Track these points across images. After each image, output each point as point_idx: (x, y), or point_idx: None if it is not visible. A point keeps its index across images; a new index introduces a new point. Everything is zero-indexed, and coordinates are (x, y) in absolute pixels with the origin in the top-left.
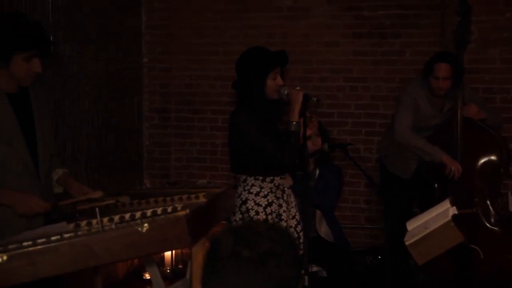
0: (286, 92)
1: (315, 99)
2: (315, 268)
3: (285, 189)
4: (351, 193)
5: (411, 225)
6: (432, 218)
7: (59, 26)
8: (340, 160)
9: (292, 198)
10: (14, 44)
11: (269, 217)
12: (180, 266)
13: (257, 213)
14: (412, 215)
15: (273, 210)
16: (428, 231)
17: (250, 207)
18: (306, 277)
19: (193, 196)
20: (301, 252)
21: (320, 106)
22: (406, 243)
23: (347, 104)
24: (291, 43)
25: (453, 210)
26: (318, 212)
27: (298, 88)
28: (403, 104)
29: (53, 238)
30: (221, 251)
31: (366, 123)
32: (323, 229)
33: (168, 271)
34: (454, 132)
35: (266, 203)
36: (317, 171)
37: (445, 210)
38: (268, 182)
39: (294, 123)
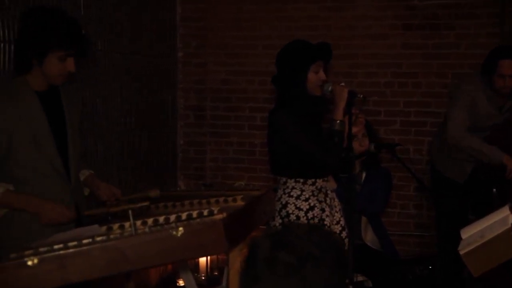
0: (330, 88)
1: (361, 96)
2: (360, 278)
3: (328, 192)
4: (400, 198)
5: (466, 233)
6: (489, 226)
7: (90, 19)
8: (387, 162)
9: (336, 202)
10: (51, 42)
11: (311, 222)
12: (216, 273)
13: (298, 217)
14: (466, 222)
15: (315, 214)
16: (484, 240)
17: (290, 211)
18: (351, 287)
19: (230, 198)
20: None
21: (366, 104)
22: (461, 253)
23: (395, 101)
24: (335, 36)
25: None
26: (363, 218)
27: (342, 84)
28: (458, 103)
29: (85, 241)
30: (259, 256)
31: (416, 122)
32: (369, 237)
33: (203, 278)
34: None
35: (307, 207)
36: (364, 174)
37: (504, 217)
38: (310, 185)
39: (338, 121)
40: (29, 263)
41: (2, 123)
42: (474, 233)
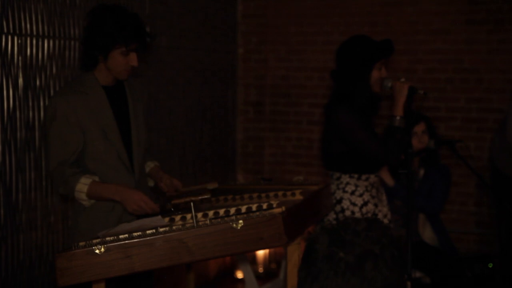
0: (390, 84)
1: (422, 92)
2: (418, 274)
3: (379, 187)
4: (459, 195)
5: None
6: None
7: (156, 16)
8: (446, 158)
9: (384, 196)
10: (114, 38)
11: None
12: (273, 266)
13: (352, 213)
14: None
15: (369, 209)
16: None
17: (345, 206)
18: (409, 283)
19: (289, 193)
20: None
21: (426, 100)
22: None
23: (456, 97)
24: (396, 32)
25: None
26: (421, 215)
27: (403, 80)
28: None
29: (149, 232)
30: (317, 253)
31: (477, 118)
32: (427, 234)
33: (261, 270)
34: None
35: (362, 202)
36: (422, 171)
37: None
38: (364, 180)
39: (398, 118)
40: (97, 251)
41: (75, 120)
42: None
